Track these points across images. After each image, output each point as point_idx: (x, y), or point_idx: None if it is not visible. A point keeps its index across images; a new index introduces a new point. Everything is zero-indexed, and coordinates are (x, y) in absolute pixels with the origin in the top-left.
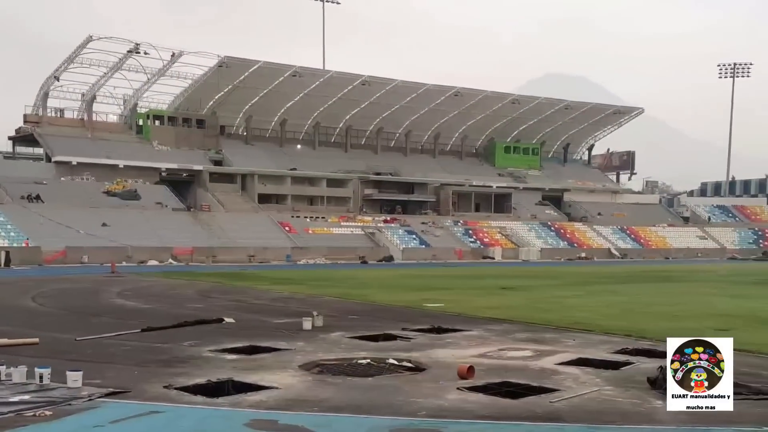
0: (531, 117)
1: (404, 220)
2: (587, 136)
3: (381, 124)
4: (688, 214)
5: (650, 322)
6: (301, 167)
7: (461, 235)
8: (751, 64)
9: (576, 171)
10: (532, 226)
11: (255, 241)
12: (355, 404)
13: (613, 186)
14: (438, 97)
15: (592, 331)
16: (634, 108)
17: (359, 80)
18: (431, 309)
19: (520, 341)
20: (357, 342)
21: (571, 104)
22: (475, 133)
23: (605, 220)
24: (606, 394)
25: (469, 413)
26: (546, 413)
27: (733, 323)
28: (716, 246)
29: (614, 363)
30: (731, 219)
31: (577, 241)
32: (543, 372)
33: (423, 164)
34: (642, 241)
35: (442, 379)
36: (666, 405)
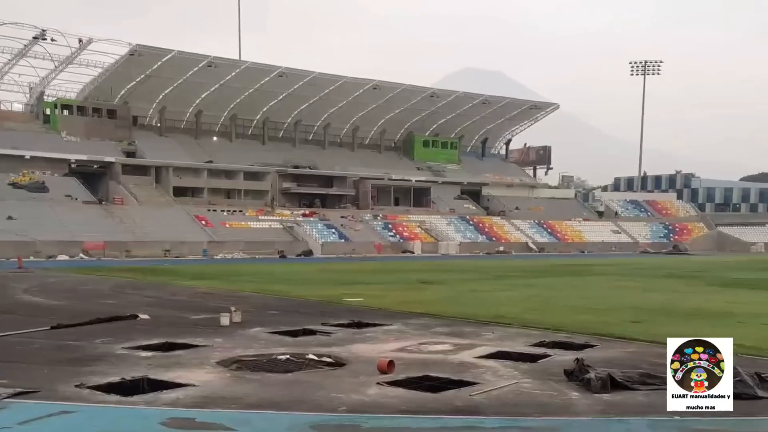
0: (449, 111)
1: (323, 213)
2: (504, 130)
3: (299, 117)
4: (603, 208)
5: (566, 315)
6: (218, 160)
7: (381, 229)
8: (662, 61)
9: (494, 165)
10: (451, 220)
11: (170, 235)
12: (274, 401)
13: (530, 180)
14: (356, 90)
15: (510, 325)
16: (550, 103)
17: (276, 72)
18: (351, 303)
19: (440, 335)
20: (276, 337)
21: (489, 99)
22: (394, 127)
23: (523, 214)
24: (524, 387)
25: (390, 408)
26: (465, 406)
27: (645, 315)
28: (629, 240)
29: (532, 356)
30: (643, 213)
31: (496, 235)
32: (462, 365)
33: (342, 157)
34: (558, 235)
35: (362, 374)
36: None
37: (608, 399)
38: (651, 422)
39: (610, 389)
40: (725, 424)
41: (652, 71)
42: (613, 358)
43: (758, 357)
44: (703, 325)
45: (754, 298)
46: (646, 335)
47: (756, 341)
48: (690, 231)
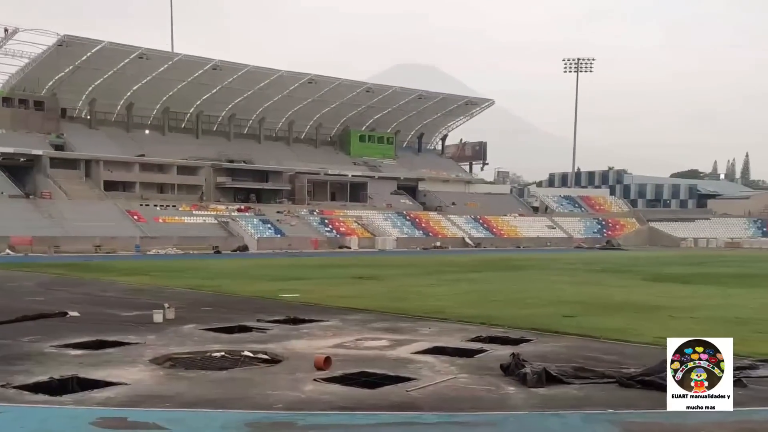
0: (385, 106)
1: (259, 209)
2: (440, 126)
3: (233, 111)
4: (538, 204)
5: (503, 310)
6: (150, 153)
7: (317, 224)
8: (593, 59)
9: (430, 161)
10: (387, 215)
11: (101, 230)
12: (209, 398)
13: (466, 176)
14: (292, 83)
15: (447, 320)
16: (485, 99)
17: (210, 64)
18: (287, 299)
19: (377, 331)
20: (211, 334)
21: (425, 94)
22: (330, 122)
23: (459, 209)
24: (461, 382)
25: (326, 404)
26: (403, 402)
27: (579, 309)
28: (564, 235)
29: (469, 351)
30: (577, 209)
31: (432, 230)
32: (399, 361)
33: (277, 152)
34: (494, 230)
35: (298, 371)
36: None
37: (544, 393)
38: (585, 416)
39: (546, 383)
40: (657, 416)
41: (584, 68)
42: (548, 352)
43: None
44: (636, 319)
45: (685, 292)
46: (580, 329)
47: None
48: (622, 226)
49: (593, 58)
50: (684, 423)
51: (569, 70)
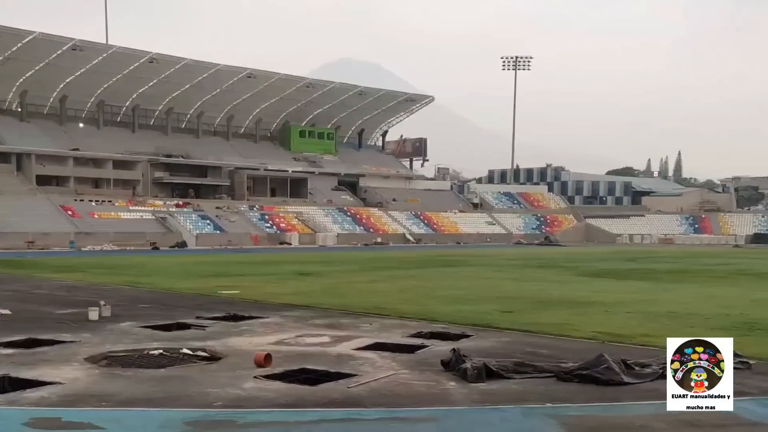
0: (326, 101)
1: (197, 204)
2: (381, 122)
3: (171, 104)
4: (478, 200)
5: (443, 306)
6: (84, 147)
7: (257, 220)
8: (531, 57)
9: (371, 157)
10: (328, 211)
11: (34, 226)
12: (146, 397)
13: (407, 172)
14: (230, 78)
15: (388, 316)
16: (425, 96)
17: (146, 57)
18: (227, 296)
19: (318, 327)
20: (148, 332)
21: (365, 90)
22: (270, 117)
23: (400, 205)
24: (402, 378)
25: (267, 402)
26: (344, 399)
27: (518, 305)
28: (504, 231)
29: (409, 346)
30: (516, 205)
31: (373, 226)
32: (341, 357)
33: (216, 147)
34: (435, 226)
35: (238, 368)
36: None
37: (484, 388)
38: (524, 410)
39: (486, 378)
40: (595, 409)
41: (522, 66)
42: (488, 347)
43: (624, 344)
44: (573, 314)
45: (620, 288)
46: (519, 324)
47: (622, 329)
48: (560, 223)
49: (531, 56)
50: (621, 415)
51: (507, 68)
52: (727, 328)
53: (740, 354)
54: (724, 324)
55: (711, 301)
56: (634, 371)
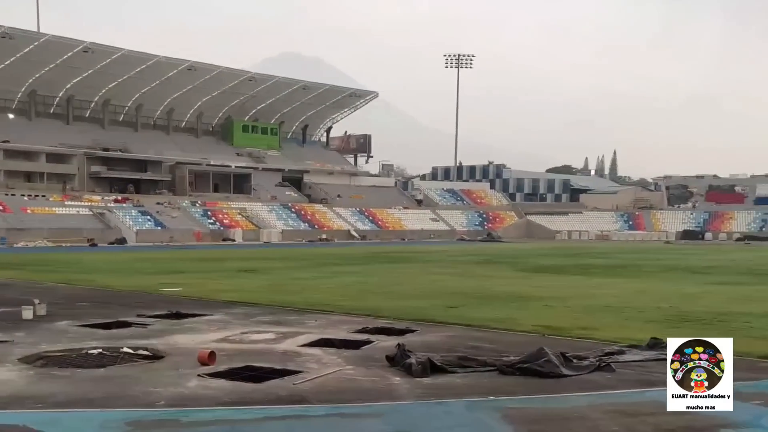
0: (269, 96)
1: (137, 200)
2: (325, 117)
3: (108, 96)
4: (422, 197)
5: (388, 301)
6: (15, 140)
7: (200, 216)
8: (474, 55)
9: (315, 152)
10: (272, 207)
11: None
12: (86, 398)
13: (352, 168)
14: (170, 70)
15: (333, 312)
16: (369, 92)
17: (80, 47)
18: (169, 293)
19: (263, 324)
20: (87, 330)
21: (308, 85)
22: (212, 111)
23: (344, 202)
24: (347, 374)
25: (211, 400)
26: (289, 396)
27: (462, 300)
28: (447, 228)
29: (355, 342)
30: (459, 202)
31: (318, 222)
32: (286, 354)
33: (156, 141)
34: (380, 222)
35: (181, 367)
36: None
37: (428, 382)
38: (468, 403)
39: (430, 373)
40: (535, 401)
41: (465, 65)
42: (433, 342)
43: (563, 337)
44: (515, 309)
45: (559, 282)
46: (463, 319)
47: (561, 322)
48: (502, 219)
49: (473, 54)
50: (560, 407)
51: (450, 66)
52: (659, 321)
53: None
54: (657, 317)
55: (644, 295)
56: (573, 364)
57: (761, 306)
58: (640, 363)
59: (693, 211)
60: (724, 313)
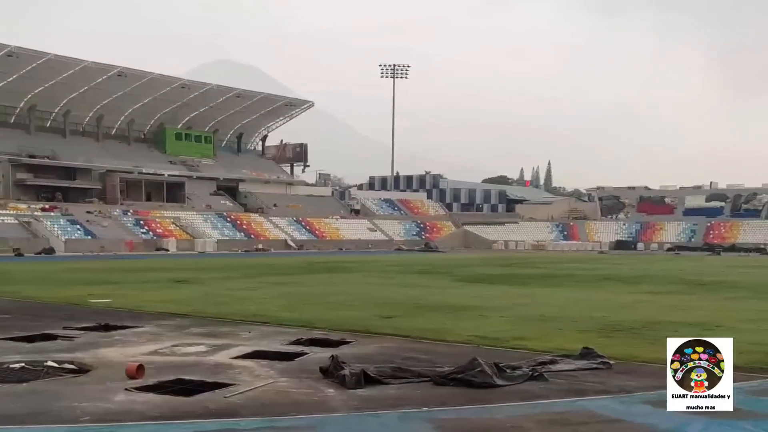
0: (202, 104)
1: (66, 208)
2: (260, 126)
3: (33, 101)
4: (359, 206)
5: (323, 312)
6: None
7: (132, 225)
8: (409, 66)
9: (250, 161)
10: (207, 216)
11: None
12: (6, 414)
13: (288, 178)
14: (99, 75)
15: (267, 323)
16: (305, 101)
17: (4, 51)
18: (98, 305)
19: (195, 336)
20: (9, 344)
21: (243, 93)
22: (143, 118)
23: (281, 211)
24: (281, 386)
25: (139, 414)
26: (220, 409)
27: (398, 310)
28: (385, 237)
29: (289, 354)
30: (397, 212)
31: (254, 232)
32: (218, 367)
33: (85, 148)
34: (317, 232)
35: (108, 380)
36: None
37: (362, 394)
38: (402, 414)
39: (364, 384)
40: (468, 412)
41: (400, 75)
42: (368, 353)
43: (497, 347)
44: (450, 319)
45: (495, 292)
46: (398, 330)
47: (496, 332)
48: (440, 229)
49: (409, 65)
50: (493, 417)
51: (386, 76)
52: (592, 330)
53: (602, 355)
54: (590, 326)
55: (578, 304)
56: (506, 374)
57: (689, 315)
58: (572, 372)
59: (625, 222)
60: (654, 323)
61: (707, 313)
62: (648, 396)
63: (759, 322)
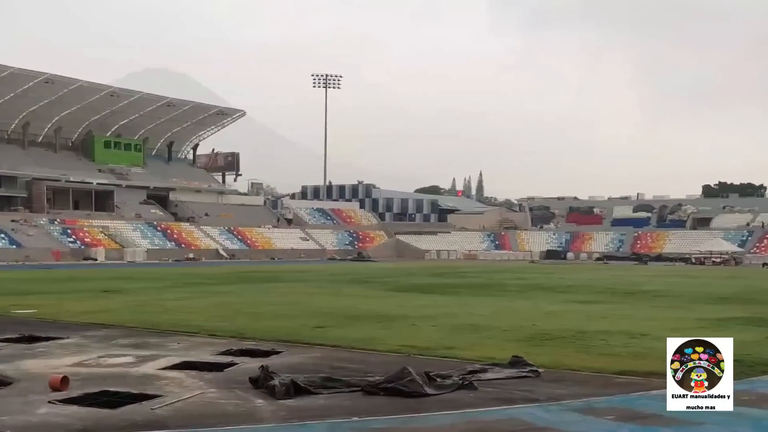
0: (132, 112)
1: None
2: (191, 135)
3: None
4: (291, 216)
5: (254, 322)
6: None
7: (59, 234)
8: (341, 76)
9: (181, 170)
10: (137, 225)
11: None
12: None
13: (219, 187)
14: (26, 82)
15: (197, 334)
16: (236, 110)
17: None
18: (22, 315)
19: (122, 347)
20: None
21: (174, 101)
22: (71, 125)
23: (212, 220)
24: (210, 397)
25: (61, 427)
26: (147, 421)
27: (329, 320)
28: (317, 247)
29: (219, 365)
30: (330, 221)
31: (185, 241)
32: (146, 378)
33: (11, 155)
34: (249, 241)
35: (31, 393)
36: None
37: (292, 404)
38: (331, 425)
39: (294, 395)
40: (398, 421)
41: (332, 85)
42: (298, 363)
43: (428, 357)
44: (381, 328)
45: (427, 302)
46: (329, 340)
47: (426, 342)
48: (372, 239)
49: (341, 75)
50: (422, 426)
51: (318, 86)
52: (521, 339)
53: (531, 363)
54: (519, 336)
55: (508, 313)
56: (436, 383)
57: (616, 324)
58: (502, 381)
59: (555, 232)
60: (582, 331)
61: (634, 322)
62: (576, 404)
63: (684, 330)
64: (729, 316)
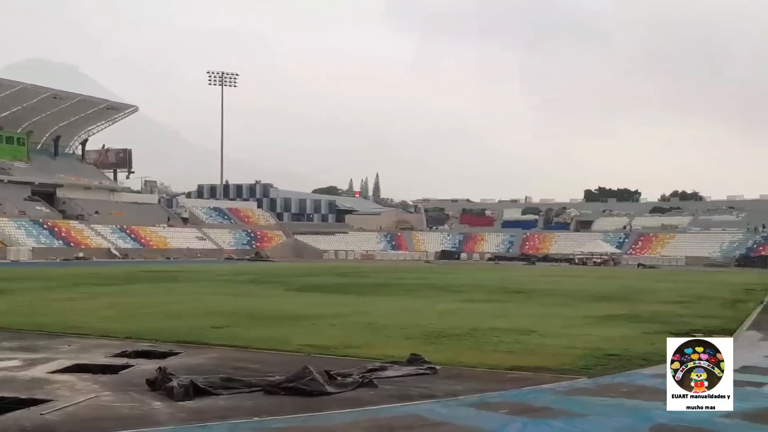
0: (14, 104)
1: None
2: (80, 129)
3: None
4: (187, 215)
5: (150, 323)
6: None
7: None
8: (237, 74)
9: (69, 166)
10: (21, 223)
11: None
12: None
13: (111, 184)
14: None
15: (89, 335)
16: (128, 105)
17: None
18: None
19: (8, 350)
20: None
21: (60, 93)
22: None
23: (104, 218)
24: (104, 400)
25: None
26: (36, 427)
27: (229, 320)
28: (214, 246)
29: (113, 367)
30: (227, 221)
31: (74, 240)
32: (34, 382)
33: None
34: (143, 240)
35: None
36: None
37: (191, 406)
38: (231, 425)
39: (193, 396)
40: (299, 420)
41: (228, 83)
42: (197, 364)
43: (328, 356)
44: (281, 328)
45: (326, 301)
46: (229, 340)
47: (327, 341)
48: (270, 238)
49: (237, 73)
50: (324, 424)
51: (214, 83)
52: (419, 337)
53: (429, 361)
54: (416, 334)
55: (406, 312)
56: (337, 381)
57: (508, 321)
58: (401, 378)
59: (449, 233)
60: (476, 329)
61: (525, 319)
62: (472, 399)
63: (570, 327)
64: (611, 313)
